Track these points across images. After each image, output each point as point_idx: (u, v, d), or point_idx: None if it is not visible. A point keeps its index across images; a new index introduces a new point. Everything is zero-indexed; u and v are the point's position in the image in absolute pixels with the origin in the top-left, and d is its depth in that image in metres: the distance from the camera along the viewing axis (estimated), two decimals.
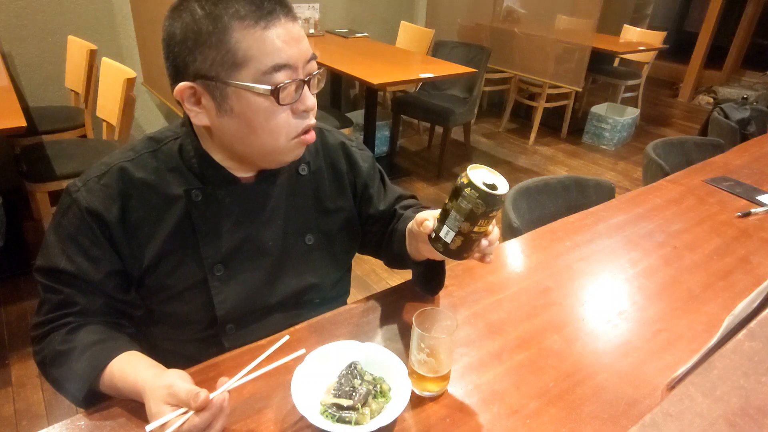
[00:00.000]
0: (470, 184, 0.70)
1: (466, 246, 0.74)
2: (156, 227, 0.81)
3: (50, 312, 0.79)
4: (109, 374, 0.74)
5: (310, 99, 0.77)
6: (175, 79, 0.75)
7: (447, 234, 0.73)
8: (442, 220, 0.74)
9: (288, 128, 0.77)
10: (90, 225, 0.78)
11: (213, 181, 0.83)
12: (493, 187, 0.70)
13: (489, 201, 0.69)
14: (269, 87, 0.72)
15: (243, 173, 0.85)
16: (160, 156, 0.82)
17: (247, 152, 0.80)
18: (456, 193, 0.71)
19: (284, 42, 0.72)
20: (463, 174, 0.71)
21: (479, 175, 0.72)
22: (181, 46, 0.72)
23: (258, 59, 0.71)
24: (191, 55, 0.71)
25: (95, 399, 0.75)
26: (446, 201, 0.73)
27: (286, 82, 0.73)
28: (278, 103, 0.73)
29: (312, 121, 0.80)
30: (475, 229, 0.72)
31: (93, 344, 0.76)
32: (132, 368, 0.73)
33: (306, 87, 0.76)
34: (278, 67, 0.72)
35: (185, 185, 0.82)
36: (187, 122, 0.83)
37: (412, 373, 0.77)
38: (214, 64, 0.71)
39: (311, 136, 0.80)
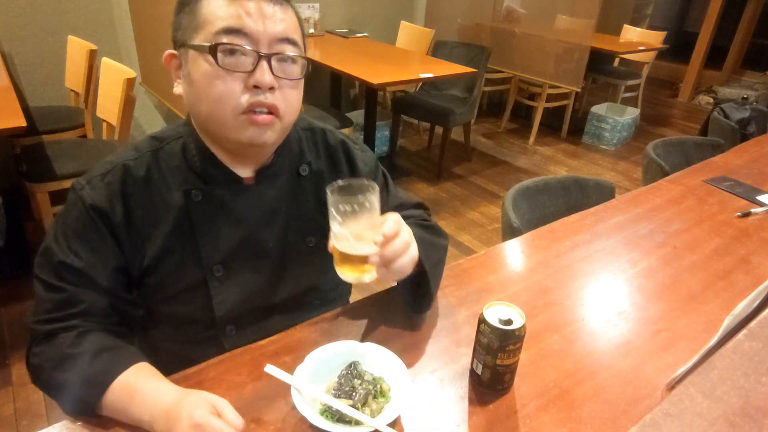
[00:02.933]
0: (484, 320, 0.75)
1: (496, 378, 0.78)
2: (156, 226, 0.81)
3: (52, 311, 0.76)
4: (122, 382, 0.71)
5: (262, 75, 0.73)
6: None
7: (477, 367, 0.79)
8: (474, 354, 0.79)
9: (233, 100, 0.74)
10: (95, 221, 0.77)
11: (214, 181, 0.83)
12: (508, 322, 0.74)
13: (502, 336, 0.74)
14: (209, 44, 0.72)
15: (243, 170, 0.85)
16: (162, 155, 0.83)
17: (203, 124, 0.80)
18: (477, 328, 0.77)
19: (247, 12, 0.72)
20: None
21: (495, 311, 0.77)
22: (174, 17, 0.77)
23: (212, 22, 0.73)
24: (175, 23, 0.78)
25: (93, 410, 0.71)
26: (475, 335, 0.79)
27: (229, 44, 0.72)
28: (217, 63, 0.72)
29: (265, 99, 0.75)
30: (498, 362, 0.76)
31: (105, 349, 0.74)
32: (153, 378, 0.72)
33: (265, 63, 0.74)
34: (229, 30, 0.72)
35: (186, 185, 0.82)
36: (190, 121, 0.84)
37: (333, 253, 0.75)
38: (184, 30, 0.76)
39: (262, 118, 0.76)
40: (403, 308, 0.95)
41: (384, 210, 1.00)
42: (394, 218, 0.76)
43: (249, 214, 0.86)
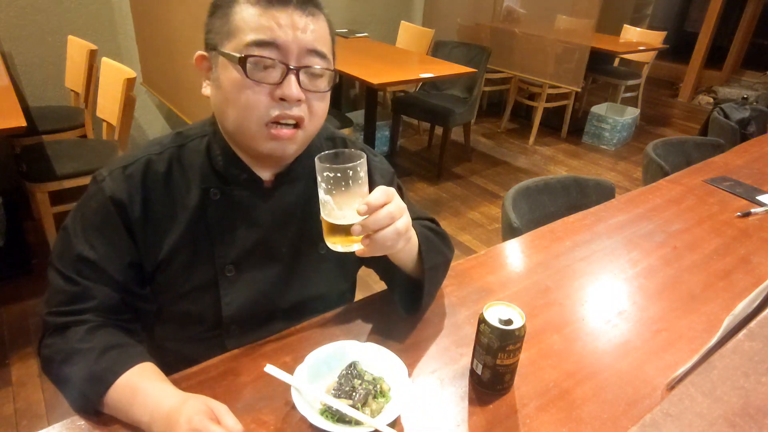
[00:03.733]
0: (484, 320, 0.75)
1: (496, 378, 0.78)
2: (173, 223, 0.81)
3: (65, 304, 0.76)
4: (125, 381, 0.71)
5: (290, 87, 0.74)
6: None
7: (477, 367, 0.79)
8: (474, 354, 0.79)
9: (259, 110, 0.74)
10: (113, 213, 0.78)
11: (235, 181, 0.83)
12: (508, 322, 0.75)
13: (502, 336, 0.74)
14: (239, 55, 0.72)
15: (263, 173, 0.85)
16: (186, 152, 0.83)
17: (228, 130, 0.81)
18: (477, 328, 0.77)
19: (278, 24, 0.72)
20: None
21: (495, 311, 0.77)
22: (207, 18, 0.78)
23: (245, 31, 0.73)
24: (208, 25, 0.78)
25: (96, 407, 0.72)
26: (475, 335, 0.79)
27: (259, 56, 0.72)
28: (246, 74, 0.72)
29: (291, 112, 0.75)
30: (498, 362, 0.76)
31: (113, 347, 0.74)
32: (156, 379, 0.72)
33: (293, 76, 0.74)
34: (261, 43, 0.72)
35: (205, 183, 0.82)
36: (215, 120, 0.84)
37: (323, 222, 0.74)
38: (216, 34, 0.76)
39: (284, 133, 0.76)
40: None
41: None
42: (383, 189, 0.72)
43: (265, 217, 0.86)
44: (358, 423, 0.69)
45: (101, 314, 0.78)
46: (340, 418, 0.70)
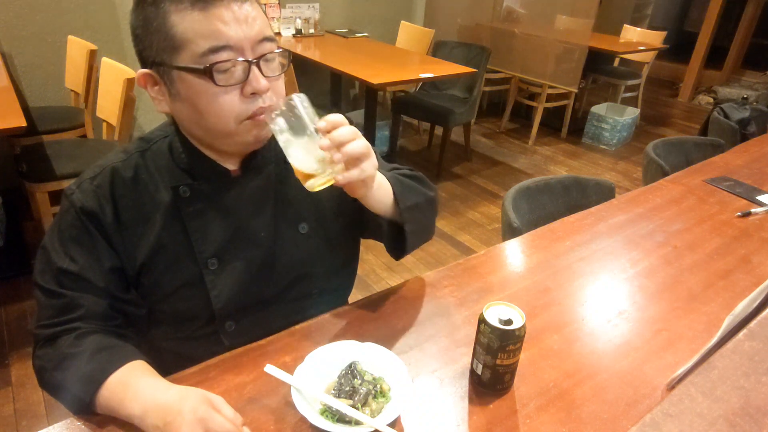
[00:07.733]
0: (483, 320, 0.75)
1: (496, 378, 0.78)
2: (147, 226, 0.82)
3: (54, 317, 0.77)
4: (117, 379, 0.72)
5: (257, 80, 0.75)
6: (141, 67, 0.78)
7: (477, 367, 0.79)
8: (474, 354, 0.80)
9: (235, 111, 0.75)
10: (86, 223, 0.78)
11: (202, 176, 0.84)
12: (508, 322, 0.75)
13: (502, 336, 0.74)
14: (201, 66, 0.72)
15: (229, 163, 0.85)
16: (150, 155, 0.84)
17: (205, 137, 0.80)
18: (477, 328, 0.77)
19: (224, 23, 0.72)
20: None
21: (495, 311, 0.78)
22: (136, 36, 0.76)
23: (194, 41, 0.72)
24: (142, 43, 0.76)
25: (91, 407, 0.73)
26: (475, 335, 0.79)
27: (222, 61, 0.72)
28: (214, 83, 0.72)
29: (264, 103, 0.77)
30: (498, 362, 0.76)
31: (103, 348, 0.75)
32: (147, 375, 0.73)
33: (256, 69, 0.75)
34: (216, 49, 0.72)
35: (173, 182, 0.83)
36: (174, 120, 0.84)
37: (296, 173, 0.75)
38: (158, 49, 0.74)
39: (262, 117, 0.77)
40: (403, 308, 0.96)
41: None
42: (334, 114, 0.74)
43: (238, 206, 0.86)
44: (358, 423, 0.69)
45: (91, 322, 0.78)
46: (340, 418, 0.70)
